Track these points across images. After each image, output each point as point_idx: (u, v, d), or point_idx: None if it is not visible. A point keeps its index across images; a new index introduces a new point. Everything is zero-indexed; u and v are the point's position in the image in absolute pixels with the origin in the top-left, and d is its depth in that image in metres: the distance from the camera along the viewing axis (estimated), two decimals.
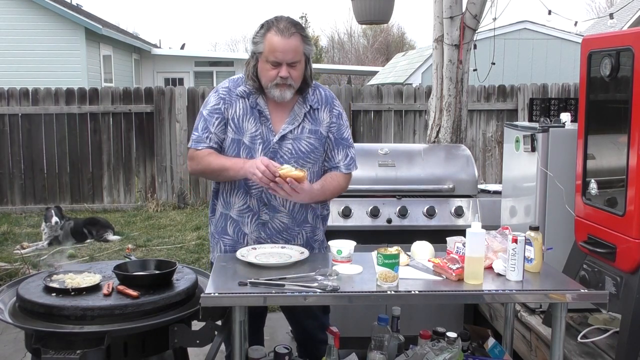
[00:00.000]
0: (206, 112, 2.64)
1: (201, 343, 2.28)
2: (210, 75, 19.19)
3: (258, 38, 2.54)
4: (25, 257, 6.01)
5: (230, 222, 2.68)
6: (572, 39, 14.18)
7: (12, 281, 2.64)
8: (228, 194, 2.67)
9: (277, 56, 2.48)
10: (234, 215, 2.67)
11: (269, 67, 2.51)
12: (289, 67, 2.50)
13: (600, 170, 2.73)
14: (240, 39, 52.09)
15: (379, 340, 2.59)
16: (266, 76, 2.54)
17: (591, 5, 40.05)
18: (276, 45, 2.48)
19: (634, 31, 2.47)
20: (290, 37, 2.48)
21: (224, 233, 2.70)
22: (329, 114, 2.68)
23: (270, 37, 2.49)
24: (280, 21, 2.52)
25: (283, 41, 2.47)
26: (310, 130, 2.64)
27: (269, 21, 2.55)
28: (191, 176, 8.78)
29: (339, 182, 2.70)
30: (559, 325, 2.22)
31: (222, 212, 2.71)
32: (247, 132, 2.59)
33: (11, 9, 13.66)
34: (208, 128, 2.61)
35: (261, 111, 2.60)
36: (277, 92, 2.54)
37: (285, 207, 2.64)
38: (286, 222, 2.66)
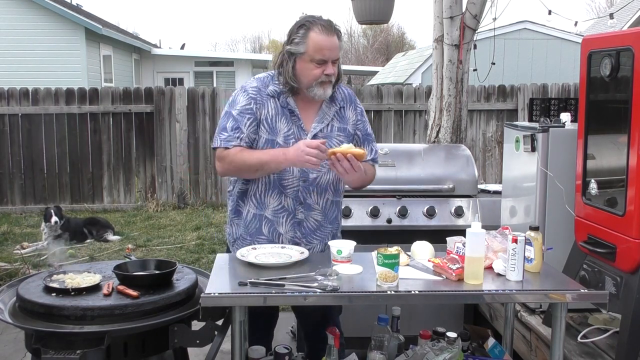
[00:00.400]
0: (236, 112, 2.60)
1: (201, 343, 2.28)
2: (210, 75, 19.18)
3: (299, 38, 2.54)
4: (25, 257, 6.01)
5: (265, 223, 2.67)
6: (572, 39, 14.19)
7: (12, 281, 2.64)
8: (262, 194, 2.65)
9: (324, 54, 2.52)
10: (269, 215, 2.66)
11: (312, 66, 2.54)
12: (332, 64, 2.55)
13: (600, 170, 2.73)
14: (240, 39, 52.13)
15: (379, 340, 2.59)
16: (309, 75, 2.55)
17: (591, 5, 40.04)
18: (323, 43, 2.52)
19: (634, 31, 2.46)
20: (333, 35, 2.54)
21: (259, 234, 2.68)
22: (354, 112, 2.76)
23: (315, 36, 2.52)
24: (320, 20, 2.57)
25: (328, 39, 2.52)
26: (339, 129, 2.70)
27: (308, 21, 2.57)
28: (191, 176, 8.79)
29: (372, 173, 2.81)
30: (559, 325, 2.22)
31: (255, 213, 2.68)
32: (280, 132, 2.60)
33: (11, 9, 13.65)
34: (240, 128, 2.58)
35: (292, 111, 2.63)
36: (321, 91, 2.58)
37: (319, 205, 2.68)
38: (319, 219, 2.70)
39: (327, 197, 2.68)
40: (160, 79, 18.53)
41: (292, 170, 2.60)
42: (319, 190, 2.66)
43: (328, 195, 2.69)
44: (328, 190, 2.69)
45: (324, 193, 2.67)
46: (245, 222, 2.70)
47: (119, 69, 16.47)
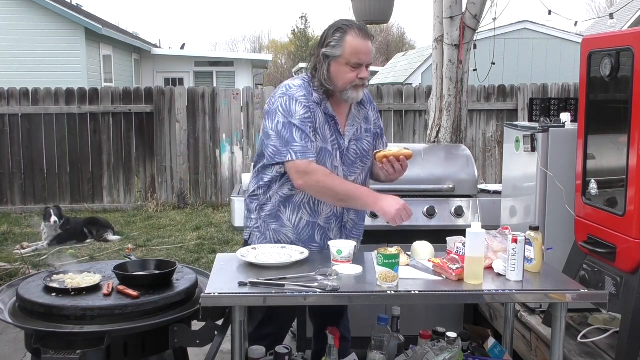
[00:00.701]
0: (298, 122, 2.53)
1: (201, 343, 2.28)
2: (210, 75, 19.18)
3: (335, 42, 2.54)
4: (25, 257, 6.01)
5: (317, 230, 2.69)
6: (572, 39, 14.19)
7: (12, 281, 2.64)
8: (316, 203, 2.66)
9: (360, 58, 2.55)
10: (321, 222, 2.69)
11: (348, 69, 2.55)
12: (366, 68, 2.59)
13: (600, 170, 2.73)
14: (240, 39, 52.12)
15: (379, 340, 2.59)
16: (344, 79, 2.57)
17: (591, 5, 40.05)
18: (360, 47, 2.54)
19: (634, 31, 2.46)
20: (368, 40, 2.57)
21: (312, 241, 2.69)
22: (374, 111, 2.84)
23: (352, 40, 2.53)
24: (356, 24, 2.60)
25: (365, 43, 2.55)
26: (366, 130, 2.76)
27: (345, 25, 2.58)
28: (191, 176, 8.79)
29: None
30: (559, 325, 2.22)
31: (308, 220, 2.67)
32: (328, 139, 2.63)
33: (11, 9, 13.65)
34: (308, 137, 2.54)
35: (332, 116, 2.65)
36: (354, 94, 2.61)
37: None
38: (354, 218, 2.77)
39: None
40: (160, 79, 18.53)
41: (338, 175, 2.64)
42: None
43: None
44: None
45: None
46: (297, 229, 2.68)
47: (119, 69, 16.46)
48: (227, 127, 8.76)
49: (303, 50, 38.48)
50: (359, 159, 2.70)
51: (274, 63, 38.20)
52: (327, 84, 2.58)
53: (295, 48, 39.98)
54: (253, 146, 8.75)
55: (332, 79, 2.57)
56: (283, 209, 2.67)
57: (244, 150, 8.79)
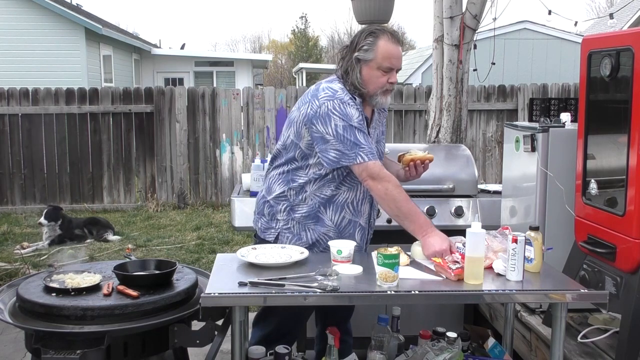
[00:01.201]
0: (357, 124, 2.54)
1: (201, 343, 2.28)
2: (210, 75, 19.18)
3: (367, 45, 2.56)
4: (25, 257, 6.01)
5: (359, 230, 2.74)
6: (572, 39, 14.20)
7: (12, 281, 2.64)
8: (359, 203, 2.71)
9: (392, 62, 2.58)
10: (362, 222, 2.74)
11: (379, 74, 2.58)
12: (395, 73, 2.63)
13: (600, 170, 2.73)
14: (240, 39, 52.13)
15: (379, 340, 2.59)
16: (376, 83, 2.59)
17: (591, 5, 40.05)
18: (392, 52, 2.57)
19: (634, 31, 2.46)
20: (399, 45, 2.62)
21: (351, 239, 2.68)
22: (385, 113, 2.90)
23: (384, 45, 2.56)
24: (388, 29, 2.64)
25: (396, 48, 2.59)
26: (382, 132, 2.85)
27: (377, 29, 2.61)
28: (191, 176, 8.79)
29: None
30: (559, 325, 2.22)
31: (350, 219, 2.70)
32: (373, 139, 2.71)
33: (11, 9, 13.66)
34: (368, 139, 2.59)
35: (367, 119, 2.67)
36: (384, 99, 2.64)
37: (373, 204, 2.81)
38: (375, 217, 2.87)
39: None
40: (160, 79, 18.53)
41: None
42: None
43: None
44: None
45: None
46: (340, 228, 2.69)
47: (119, 69, 16.47)
48: (227, 127, 8.76)
49: (303, 50, 38.50)
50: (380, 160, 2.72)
51: (274, 63, 38.20)
52: (361, 87, 2.59)
53: (295, 48, 39.98)
54: (253, 146, 8.75)
55: (364, 82, 2.59)
56: (324, 210, 2.67)
57: (244, 150, 8.79)
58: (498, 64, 5.32)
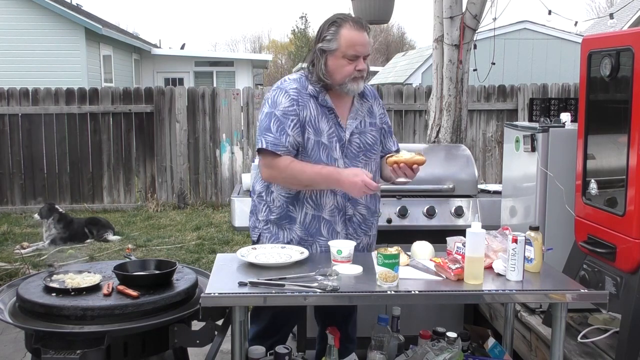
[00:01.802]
0: (280, 113, 2.58)
1: (201, 343, 2.28)
2: (210, 75, 19.18)
3: (330, 35, 2.57)
4: (25, 257, 6.01)
5: (323, 223, 2.69)
6: (572, 39, 14.19)
7: (12, 281, 2.64)
8: (318, 196, 2.67)
9: (357, 50, 2.56)
10: (326, 216, 2.69)
11: (345, 62, 2.57)
12: (363, 60, 2.60)
13: (600, 170, 2.73)
14: (240, 39, 52.11)
15: (379, 340, 2.59)
16: (342, 72, 2.58)
17: (591, 5, 40.05)
18: (355, 39, 2.56)
19: (634, 31, 2.46)
20: (365, 31, 2.59)
21: (319, 235, 2.69)
22: (379, 106, 2.85)
23: (347, 33, 2.55)
24: (351, 17, 2.61)
25: (360, 35, 2.57)
26: (370, 124, 2.76)
27: (339, 18, 2.60)
28: (191, 176, 8.79)
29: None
30: (559, 325, 2.22)
31: (313, 214, 2.68)
32: (323, 132, 2.63)
33: (11, 9, 13.65)
34: (285, 130, 2.57)
35: (331, 108, 2.65)
36: (354, 86, 2.62)
37: (363, 199, 2.72)
38: (364, 213, 2.75)
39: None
40: (160, 79, 18.53)
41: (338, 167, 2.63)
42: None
43: None
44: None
45: None
46: (304, 225, 2.69)
47: (119, 69, 16.46)
48: (227, 127, 8.76)
49: (303, 50, 38.45)
50: (362, 153, 2.69)
51: (274, 63, 38.20)
52: (326, 78, 2.59)
53: (295, 48, 39.97)
54: (253, 146, 8.74)
55: (330, 73, 2.59)
56: (293, 209, 2.68)
57: (244, 150, 8.79)
58: (498, 64, 5.32)
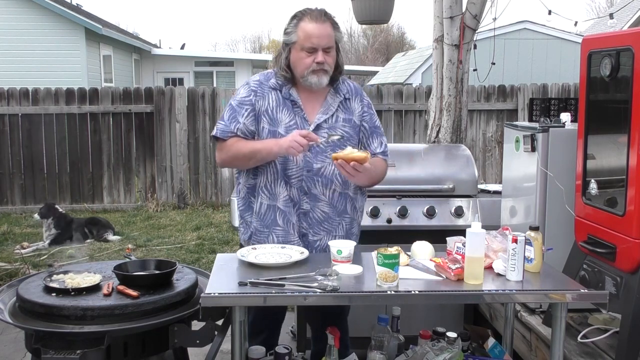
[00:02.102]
0: (235, 103, 2.68)
1: (201, 343, 2.28)
2: (210, 75, 19.18)
3: (291, 28, 2.61)
4: (25, 257, 6.01)
5: (279, 213, 2.69)
6: (572, 39, 14.18)
7: (12, 281, 2.64)
8: (272, 185, 2.68)
9: (313, 42, 2.56)
10: (280, 206, 2.68)
11: (304, 55, 2.58)
12: (324, 53, 2.58)
13: (600, 170, 2.73)
14: (240, 39, 52.12)
15: (379, 340, 2.59)
16: (302, 65, 2.59)
17: (591, 5, 40.04)
18: (311, 31, 2.56)
19: (634, 31, 2.46)
20: (324, 23, 2.58)
21: (275, 225, 2.69)
22: (360, 104, 2.78)
23: (304, 25, 2.57)
24: (312, 10, 2.62)
25: (318, 27, 2.56)
26: (344, 119, 2.72)
27: (300, 12, 2.63)
28: (191, 176, 8.80)
29: (382, 168, 2.78)
30: (559, 325, 2.22)
31: (268, 204, 2.70)
32: (281, 122, 2.64)
33: (11, 9, 13.65)
34: (236, 118, 2.65)
35: (294, 101, 2.67)
36: (315, 79, 2.61)
37: (326, 196, 2.68)
38: (327, 211, 2.70)
39: (333, 189, 2.69)
40: (160, 79, 18.53)
41: (296, 160, 2.63)
42: (324, 181, 2.67)
43: (335, 186, 2.69)
44: (334, 182, 2.68)
45: (330, 184, 2.68)
46: (260, 215, 2.71)
47: (119, 69, 16.47)
48: None
49: None
50: (330, 148, 2.64)
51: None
52: (285, 72, 2.63)
53: None
54: None
55: (292, 65, 2.62)
56: (252, 199, 2.74)
57: None
58: (498, 64, 5.31)
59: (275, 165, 2.65)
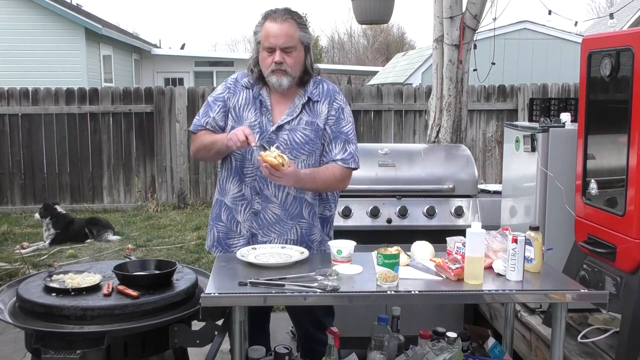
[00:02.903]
0: (211, 99, 2.76)
1: (201, 343, 2.28)
2: (210, 75, 19.19)
3: (257, 28, 2.63)
4: (25, 257, 6.01)
5: (224, 209, 2.72)
6: (572, 39, 14.18)
7: (12, 281, 2.64)
8: (224, 180, 2.73)
9: (270, 41, 2.56)
10: (228, 202, 2.71)
11: (265, 54, 2.59)
12: (283, 53, 2.56)
13: (600, 170, 2.73)
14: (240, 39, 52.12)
15: (379, 340, 2.59)
16: (264, 64, 2.61)
17: (591, 5, 40.06)
18: (269, 30, 2.56)
19: (634, 31, 2.47)
20: (283, 23, 2.56)
21: (218, 219, 2.75)
22: (328, 107, 2.69)
23: (266, 25, 2.59)
24: (276, 10, 2.62)
25: (276, 26, 2.56)
26: (307, 122, 2.66)
27: (267, 11, 2.64)
28: (191, 176, 8.80)
29: (333, 174, 2.65)
30: (559, 325, 2.22)
31: (217, 198, 2.77)
32: (245, 120, 2.66)
33: (11, 9, 13.66)
34: (208, 113, 2.72)
35: (262, 102, 2.68)
36: (274, 79, 2.60)
37: (278, 198, 2.66)
38: (279, 213, 2.67)
39: (287, 191, 2.65)
40: (160, 79, 18.53)
41: (252, 159, 2.63)
42: (277, 183, 2.60)
43: (289, 189, 2.65)
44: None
45: (284, 187, 2.64)
46: (213, 209, 2.81)
47: (119, 69, 16.47)
48: None
49: None
50: (288, 150, 2.59)
51: None
52: (253, 70, 2.67)
53: None
54: None
55: (260, 65, 2.65)
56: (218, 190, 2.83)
57: None
58: (498, 64, 5.31)
59: (231, 162, 2.69)
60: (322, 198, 2.77)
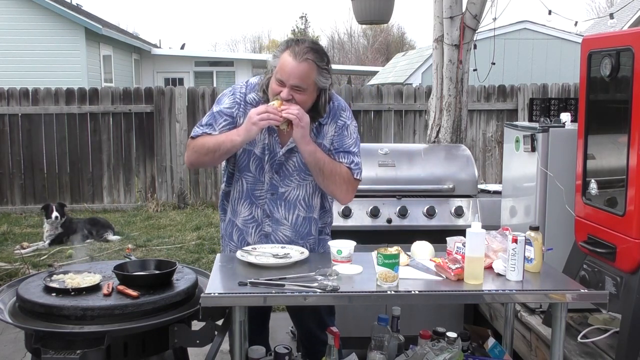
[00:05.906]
0: (216, 110, 2.62)
1: (201, 343, 2.28)
2: (210, 75, 19.19)
3: (277, 53, 2.52)
4: (25, 257, 6.01)
5: (235, 230, 2.71)
6: (572, 39, 14.18)
7: (12, 281, 2.64)
8: (236, 201, 2.68)
9: (282, 75, 2.45)
10: (239, 223, 2.69)
11: (275, 85, 2.49)
12: (293, 91, 2.46)
13: (600, 170, 2.73)
14: (240, 39, 52.14)
15: (379, 340, 2.59)
16: (271, 90, 2.52)
17: (591, 5, 40.06)
18: (285, 65, 2.44)
19: (634, 31, 2.47)
20: (302, 62, 2.43)
21: (230, 239, 2.73)
22: (334, 126, 2.64)
23: (284, 56, 2.46)
24: (301, 43, 2.49)
25: (293, 63, 2.43)
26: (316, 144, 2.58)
27: (291, 40, 2.53)
28: (191, 176, 8.80)
29: (341, 171, 2.59)
30: (559, 325, 2.22)
31: (230, 218, 2.73)
32: (258, 143, 2.59)
33: (11, 9, 13.66)
34: (212, 125, 2.58)
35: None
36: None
37: (288, 220, 2.65)
38: (289, 235, 2.66)
39: (297, 213, 2.64)
40: (160, 79, 18.53)
41: (264, 181, 2.61)
42: (287, 205, 2.62)
43: (298, 211, 2.64)
44: (298, 207, 2.64)
45: (294, 209, 2.64)
46: (223, 224, 2.79)
47: (119, 69, 16.47)
48: None
49: None
50: (296, 172, 2.61)
51: None
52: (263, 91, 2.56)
53: None
54: None
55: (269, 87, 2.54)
56: (225, 203, 2.78)
57: None
58: (498, 64, 5.31)
59: (243, 184, 2.64)
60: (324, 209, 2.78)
